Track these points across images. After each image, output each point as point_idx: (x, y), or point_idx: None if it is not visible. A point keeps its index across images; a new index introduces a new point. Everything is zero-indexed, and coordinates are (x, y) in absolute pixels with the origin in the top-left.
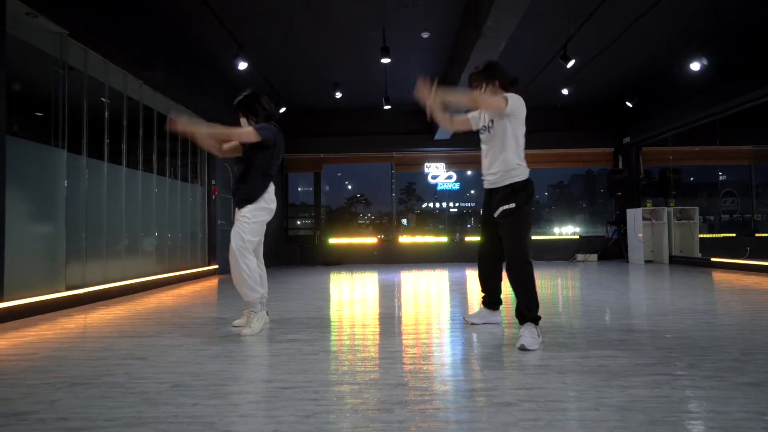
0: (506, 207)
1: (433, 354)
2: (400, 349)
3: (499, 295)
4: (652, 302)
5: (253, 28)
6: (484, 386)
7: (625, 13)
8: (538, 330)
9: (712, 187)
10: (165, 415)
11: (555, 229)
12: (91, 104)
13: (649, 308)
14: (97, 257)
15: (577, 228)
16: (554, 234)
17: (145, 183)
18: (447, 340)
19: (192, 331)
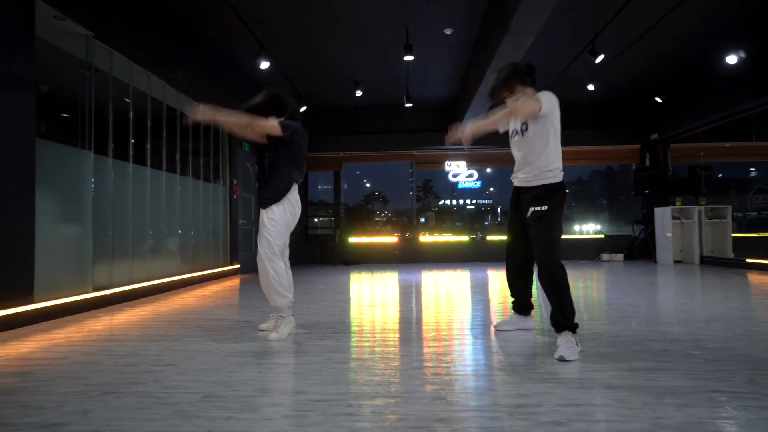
0: (538, 208)
1: (467, 364)
2: (433, 357)
3: (530, 299)
4: (689, 307)
5: (275, 28)
6: (526, 402)
7: (656, 5)
8: (576, 339)
9: (742, 183)
10: (198, 430)
11: (575, 226)
12: (116, 105)
13: (689, 314)
14: (123, 257)
15: (598, 226)
16: (576, 232)
17: (169, 183)
18: (480, 348)
19: (218, 335)
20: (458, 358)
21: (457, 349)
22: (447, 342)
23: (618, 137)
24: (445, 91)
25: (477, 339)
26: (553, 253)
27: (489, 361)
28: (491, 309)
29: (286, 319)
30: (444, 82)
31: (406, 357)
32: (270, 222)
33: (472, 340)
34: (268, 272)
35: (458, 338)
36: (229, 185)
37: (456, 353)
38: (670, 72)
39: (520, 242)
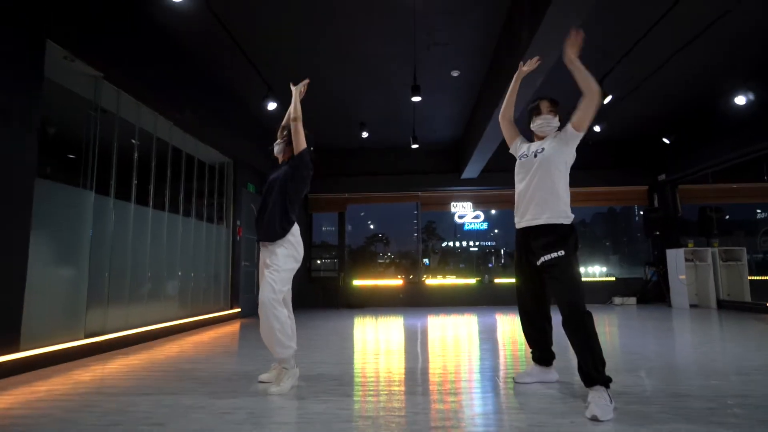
0: (554, 255)
1: (490, 425)
2: (453, 416)
3: (550, 348)
4: (722, 356)
5: (282, 69)
6: None
7: (663, 47)
8: (609, 394)
9: (750, 225)
10: None
11: (581, 269)
12: (121, 145)
13: (724, 364)
14: (119, 302)
15: (603, 268)
16: (585, 274)
17: (171, 224)
18: (503, 406)
19: (214, 387)
20: (476, 415)
21: (480, 407)
22: (468, 397)
23: (625, 178)
24: (450, 133)
25: (501, 395)
26: (578, 300)
27: (514, 421)
28: (504, 357)
29: (290, 371)
30: (450, 123)
31: (418, 415)
32: (274, 265)
33: (493, 397)
34: (271, 321)
35: (474, 391)
36: (233, 226)
37: (473, 408)
38: (677, 113)
39: (531, 290)
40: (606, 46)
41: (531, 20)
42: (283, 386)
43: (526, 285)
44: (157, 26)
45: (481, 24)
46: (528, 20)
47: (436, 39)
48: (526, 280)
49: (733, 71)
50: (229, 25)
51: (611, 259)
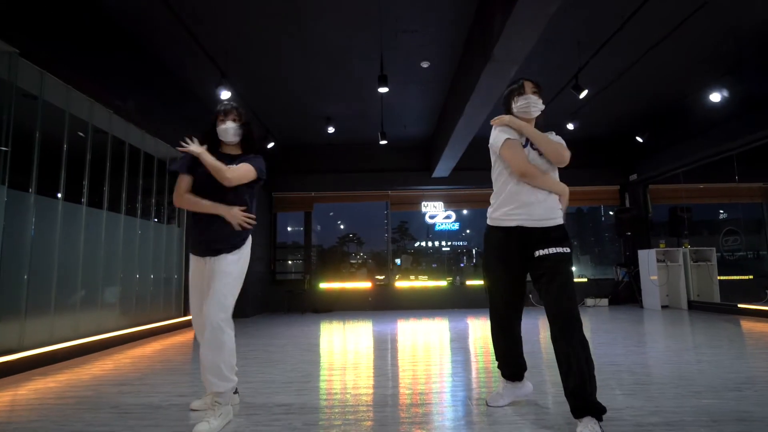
0: (562, 250)
1: None
2: None
3: (523, 359)
4: (709, 367)
5: (240, 58)
6: None
7: (638, 42)
8: (601, 428)
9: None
10: None
11: None
12: (47, 135)
13: (712, 378)
14: (41, 313)
15: (573, 268)
16: None
17: (110, 224)
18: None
19: (132, 420)
20: None
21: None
22: (432, 425)
23: (597, 178)
24: (421, 129)
25: (474, 424)
26: (575, 305)
27: None
28: (476, 372)
29: (223, 407)
30: (420, 119)
31: None
32: (226, 276)
33: (468, 426)
34: (221, 349)
35: (445, 419)
36: (185, 226)
37: None
38: (649, 112)
39: (509, 292)
40: (580, 39)
41: (504, 6)
42: (213, 425)
43: (506, 293)
44: (93, 3)
45: (452, 10)
46: (501, 6)
47: (403, 26)
48: (507, 287)
49: (705, 70)
50: (178, 8)
51: (582, 260)
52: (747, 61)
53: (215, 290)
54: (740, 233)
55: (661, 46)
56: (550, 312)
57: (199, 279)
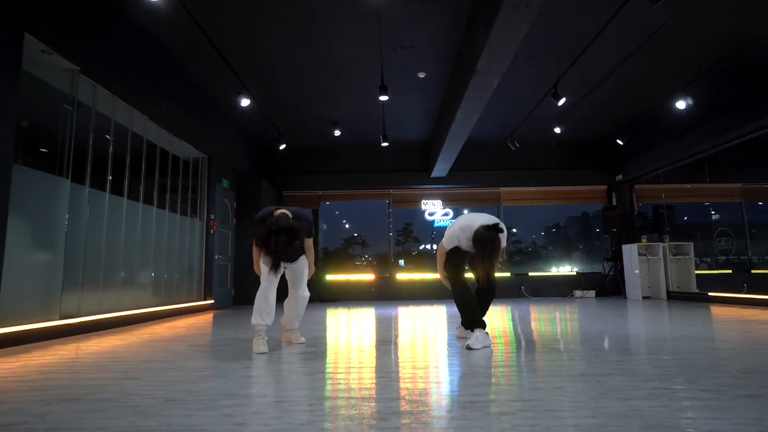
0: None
1: (429, 376)
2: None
3: None
4: (650, 332)
5: (256, 68)
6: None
7: (611, 54)
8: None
9: (706, 227)
10: (158, 425)
11: (553, 268)
12: (96, 138)
13: (647, 336)
14: (93, 287)
15: (573, 266)
16: (551, 271)
17: (145, 215)
18: (445, 363)
19: (187, 355)
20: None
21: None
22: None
23: (587, 178)
24: (420, 132)
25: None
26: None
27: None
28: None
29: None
30: (419, 123)
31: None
32: (305, 264)
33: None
34: (303, 306)
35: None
36: (207, 220)
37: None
38: (629, 116)
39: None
40: (559, 53)
41: (485, 27)
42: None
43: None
44: (133, 23)
45: (444, 29)
46: (482, 27)
47: (401, 42)
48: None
49: (673, 79)
50: (205, 25)
51: (577, 255)
52: (708, 72)
53: (305, 277)
54: (732, 234)
55: (632, 59)
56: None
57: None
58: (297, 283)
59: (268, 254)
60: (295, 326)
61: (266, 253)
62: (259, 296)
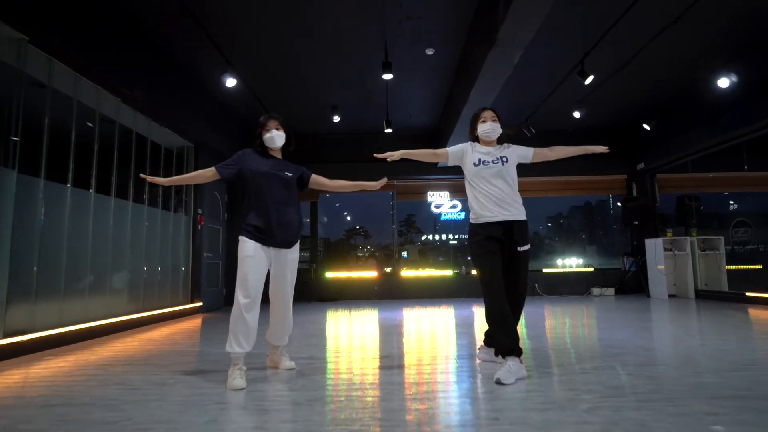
0: (528, 247)
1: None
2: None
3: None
4: (712, 349)
5: (245, 45)
6: None
7: (644, 28)
8: None
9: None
10: None
11: (558, 261)
12: (56, 123)
13: (716, 359)
14: (51, 296)
15: (580, 260)
16: (562, 266)
17: (119, 211)
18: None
19: (143, 394)
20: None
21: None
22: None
23: (603, 167)
24: (426, 118)
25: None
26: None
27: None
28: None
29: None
30: (426, 108)
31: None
32: (295, 266)
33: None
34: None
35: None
36: (193, 215)
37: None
38: (657, 99)
39: (501, 277)
40: (586, 25)
41: None
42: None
43: (500, 275)
44: None
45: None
46: None
47: (407, 12)
48: (498, 268)
49: (715, 54)
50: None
51: (588, 250)
52: (757, 45)
53: (287, 276)
54: (750, 224)
55: (668, 32)
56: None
57: (260, 260)
58: (287, 278)
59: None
60: (285, 341)
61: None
62: (236, 312)
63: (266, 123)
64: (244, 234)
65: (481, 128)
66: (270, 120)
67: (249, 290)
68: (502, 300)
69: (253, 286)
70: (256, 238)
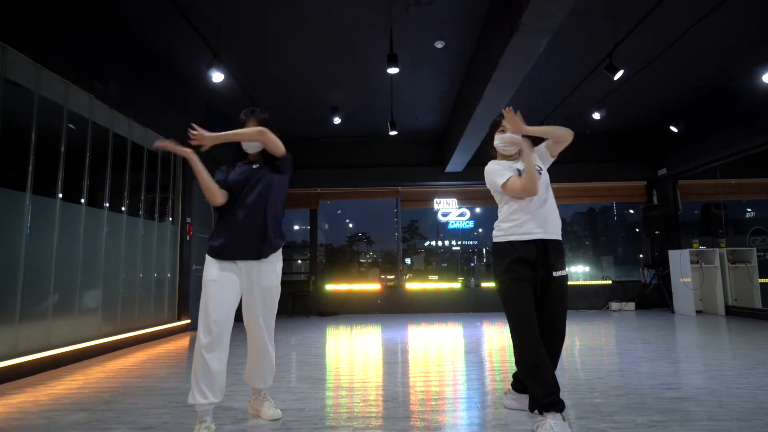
0: (565, 272)
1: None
2: None
3: None
4: (756, 388)
5: (233, 36)
6: None
7: (680, 18)
8: None
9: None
10: None
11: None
12: (11, 118)
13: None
14: (4, 321)
15: (587, 268)
16: (580, 278)
17: (91, 221)
18: None
19: None
20: None
21: None
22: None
23: (622, 173)
24: (434, 120)
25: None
26: None
27: None
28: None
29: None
30: (433, 109)
31: None
32: (274, 287)
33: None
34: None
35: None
36: (181, 224)
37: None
38: (684, 99)
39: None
40: (616, 12)
41: None
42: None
43: (532, 301)
44: None
45: None
46: None
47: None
48: (529, 299)
49: (755, 49)
50: None
51: (604, 260)
52: None
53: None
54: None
55: (706, 22)
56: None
57: (226, 283)
58: (264, 303)
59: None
60: (267, 383)
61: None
62: (197, 354)
63: (245, 122)
64: (207, 254)
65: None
66: (248, 119)
67: (209, 325)
68: (534, 340)
69: (215, 320)
70: (217, 254)
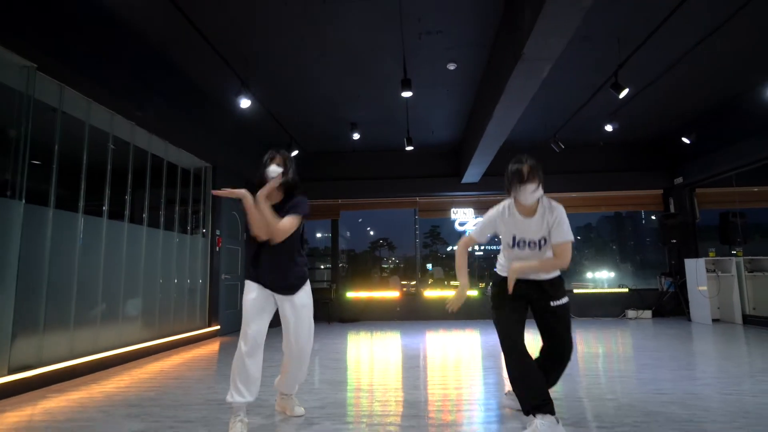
0: (565, 300)
1: None
2: None
3: None
4: None
5: (260, 64)
6: None
7: (687, 34)
8: None
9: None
10: None
11: (588, 274)
12: (66, 147)
13: None
14: (60, 327)
15: (611, 273)
16: (589, 281)
17: (132, 236)
18: None
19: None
20: None
21: None
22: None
23: (639, 182)
24: (449, 133)
25: None
26: None
27: None
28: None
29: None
30: (448, 123)
31: None
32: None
33: None
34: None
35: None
36: (211, 236)
37: None
38: (699, 108)
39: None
40: (620, 34)
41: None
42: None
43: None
44: (109, 16)
45: (478, 7)
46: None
47: (426, 27)
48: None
49: (764, 63)
50: (196, 16)
51: (622, 268)
52: None
53: (308, 323)
54: None
55: (714, 36)
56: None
57: (262, 302)
58: (298, 327)
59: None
60: (294, 391)
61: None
62: (237, 359)
63: (266, 162)
64: (246, 273)
65: (520, 192)
66: (273, 158)
67: (247, 337)
68: (517, 353)
69: (252, 333)
70: (255, 278)
